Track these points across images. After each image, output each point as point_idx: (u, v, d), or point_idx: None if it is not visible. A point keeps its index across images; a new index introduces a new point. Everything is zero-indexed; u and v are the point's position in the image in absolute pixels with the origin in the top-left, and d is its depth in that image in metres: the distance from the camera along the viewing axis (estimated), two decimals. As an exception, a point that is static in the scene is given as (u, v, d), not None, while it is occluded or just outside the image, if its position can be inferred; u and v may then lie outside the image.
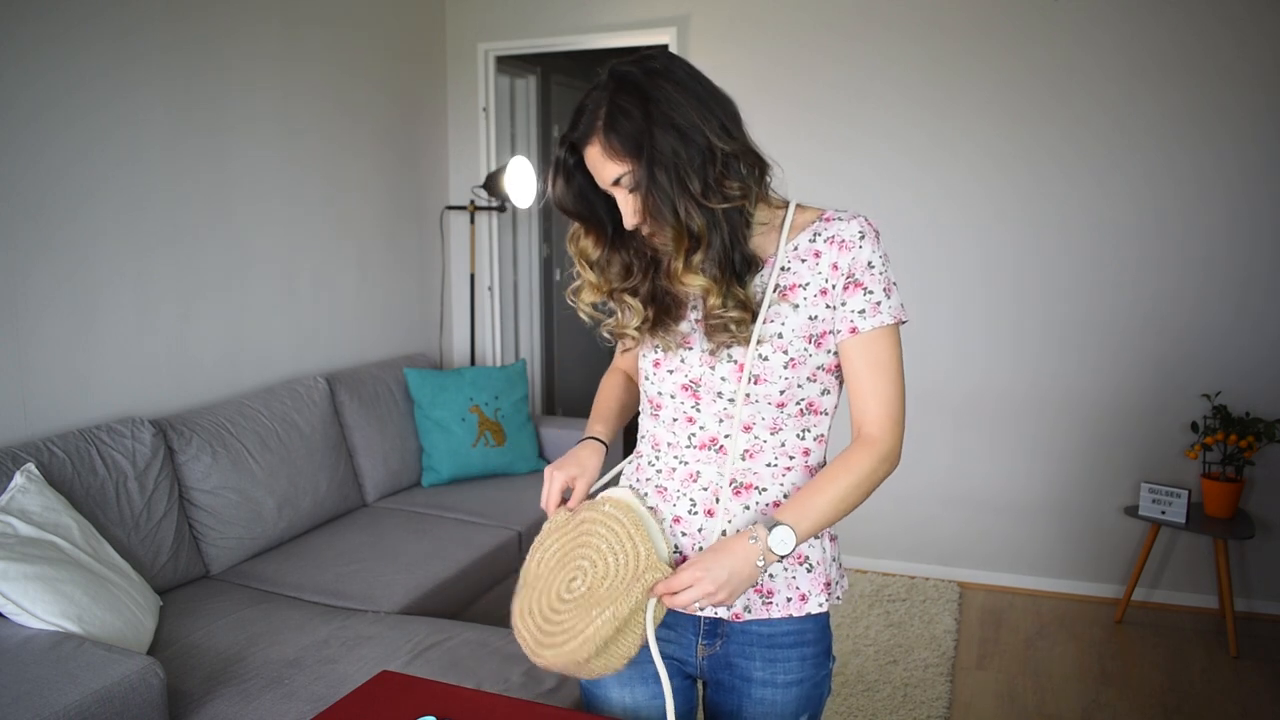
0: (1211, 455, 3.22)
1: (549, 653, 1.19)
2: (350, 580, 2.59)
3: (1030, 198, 3.44)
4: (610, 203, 1.25)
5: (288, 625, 2.26)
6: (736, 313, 1.20)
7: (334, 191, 3.48)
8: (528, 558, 1.32)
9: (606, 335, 1.35)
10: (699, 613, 1.29)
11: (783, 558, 1.17)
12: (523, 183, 3.87)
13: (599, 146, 1.17)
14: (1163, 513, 3.19)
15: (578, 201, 1.25)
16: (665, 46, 3.86)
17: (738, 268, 1.20)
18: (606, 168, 1.18)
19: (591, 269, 1.29)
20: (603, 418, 1.46)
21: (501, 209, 4.12)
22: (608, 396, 1.50)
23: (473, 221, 4.13)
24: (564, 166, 1.23)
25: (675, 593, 1.15)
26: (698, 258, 1.18)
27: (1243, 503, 3.30)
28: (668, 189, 1.15)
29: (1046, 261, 3.45)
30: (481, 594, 2.86)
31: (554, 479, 1.34)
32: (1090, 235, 3.39)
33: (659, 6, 3.80)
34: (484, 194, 4.08)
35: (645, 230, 1.22)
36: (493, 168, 4.18)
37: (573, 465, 1.36)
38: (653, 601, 1.17)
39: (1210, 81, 3.18)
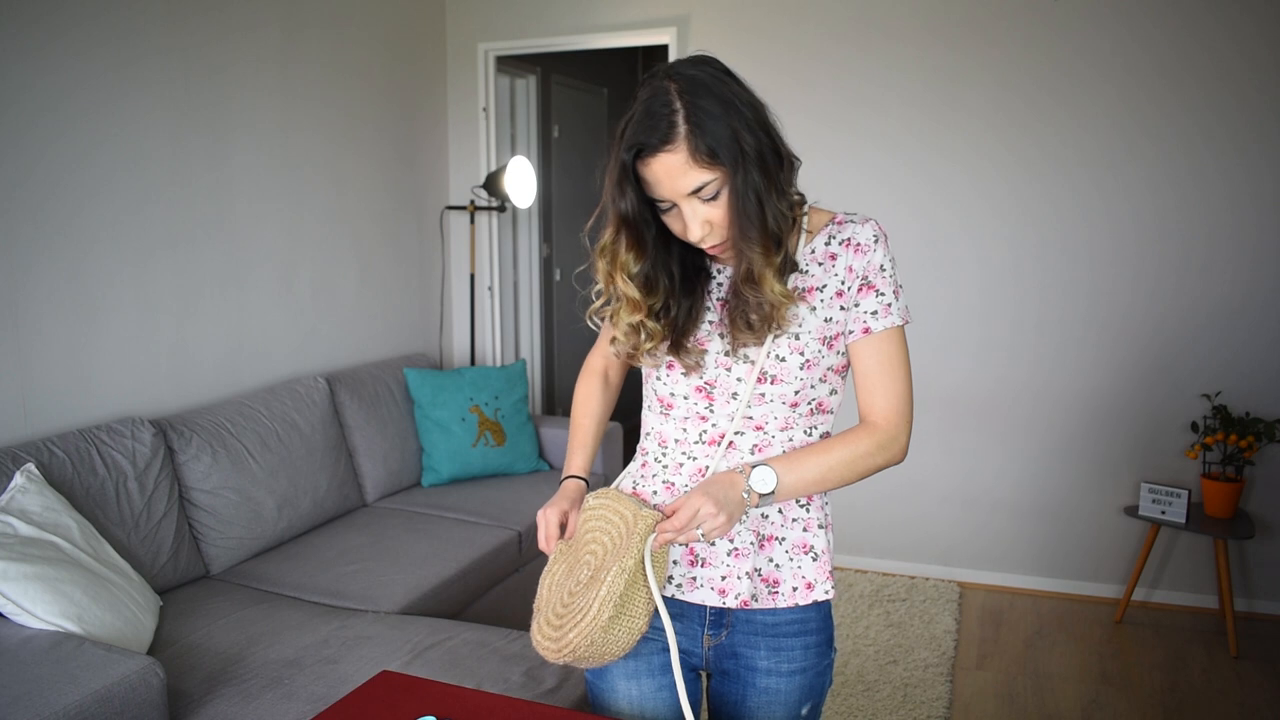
0: (1211, 455, 3.22)
1: (572, 633, 1.18)
2: (350, 580, 2.59)
3: (1029, 199, 3.44)
4: (653, 213, 1.22)
5: (288, 625, 2.26)
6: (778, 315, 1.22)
7: (334, 192, 3.48)
8: (539, 588, 1.33)
9: (621, 354, 1.32)
10: (703, 602, 1.30)
11: (762, 497, 1.20)
12: (523, 183, 3.87)
13: (684, 154, 1.11)
14: (1163, 513, 3.19)
15: (637, 213, 1.19)
16: (665, 47, 3.88)
17: (786, 269, 1.22)
18: (688, 175, 1.12)
19: (631, 282, 1.24)
20: (583, 447, 1.44)
21: (501, 209, 4.12)
22: (586, 420, 1.46)
23: (473, 221, 4.13)
24: (631, 180, 1.17)
25: (680, 527, 1.16)
26: (778, 260, 1.18)
27: (1243, 503, 3.30)
28: (761, 192, 1.14)
29: (1046, 262, 3.45)
30: (481, 594, 2.86)
31: (549, 518, 1.32)
32: (1090, 235, 3.39)
33: (659, 6, 3.80)
34: (484, 194, 4.08)
35: (711, 242, 1.19)
36: (493, 168, 4.18)
37: (564, 501, 1.35)
38: (649, 542, 1.18)
39: (1210, 83, 3.18)
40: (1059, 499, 3.55)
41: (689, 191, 1.13)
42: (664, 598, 1.29)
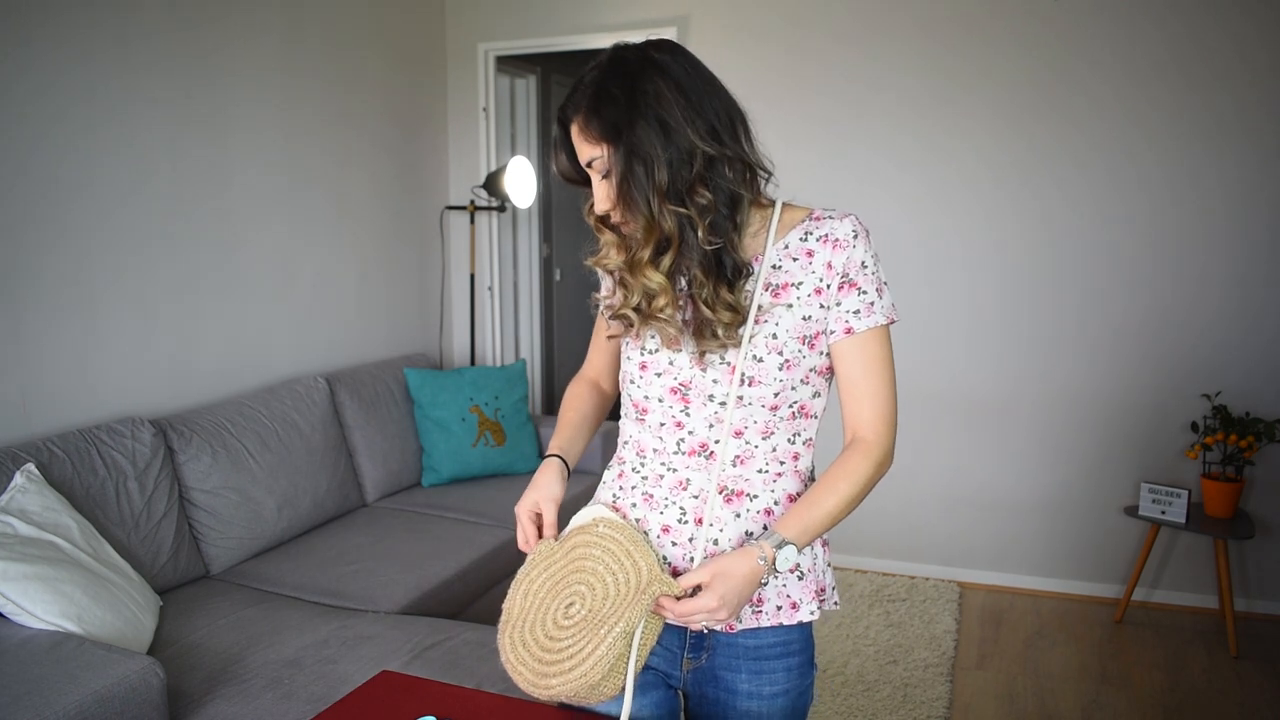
0: (1211, 455, 3.22)
1: (556, 680, 1.14)
2: (350, 580, 2.59)
3: (1028, 199, 3.44)
4: None
5: (288, 625, 2.26)
6: (728, 315, 1.18)
7: (334, 192, 3.48)
8: (510, 592, 1.28)
9: (606, 316, 1.31)
10: (686, 625, 1.26)
11: (777, 572, 1.17)
12: (523, 183, 3.87)
13: (579, 125, 1.18)
14: (1163, 513, 3.19)
15: (577, 169, 1.24)
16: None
17: (729, 272, 1.18)
18: (582, 148, 1.19)
19: (612, 230, 1.25)
20: (563, 431, 1.42)
21: (501, 209, 4.12)
22: (570, 408, 1.45)
23: (473, 221, 4.13)
24: (560, 142, 1.24)
25: (683, 614, 1.13)
26: (666, 259, 1.17)
27: (1243, 503, 3.30)
28: (643, 182, 1.14)
29: (1046, 263, 3.45)
30: (481, 594, 2.86)
31: (521, 518, 1.30)
32: (1089, 235, 3.38)
33: (659, 6, 3.80)
34: (484, 194, 4.08)
35: (615, 218, 1.21)
36: (493, 168, 4.18)
37: (532, 492, 1.32)
38: (644, 616, 1.13)
39: (1207, 85, 3.18)
40: (1059, 499, 3.55)
41: (584, 163, 1.20)
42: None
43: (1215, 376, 3.29)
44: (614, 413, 1.48)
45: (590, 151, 1.17)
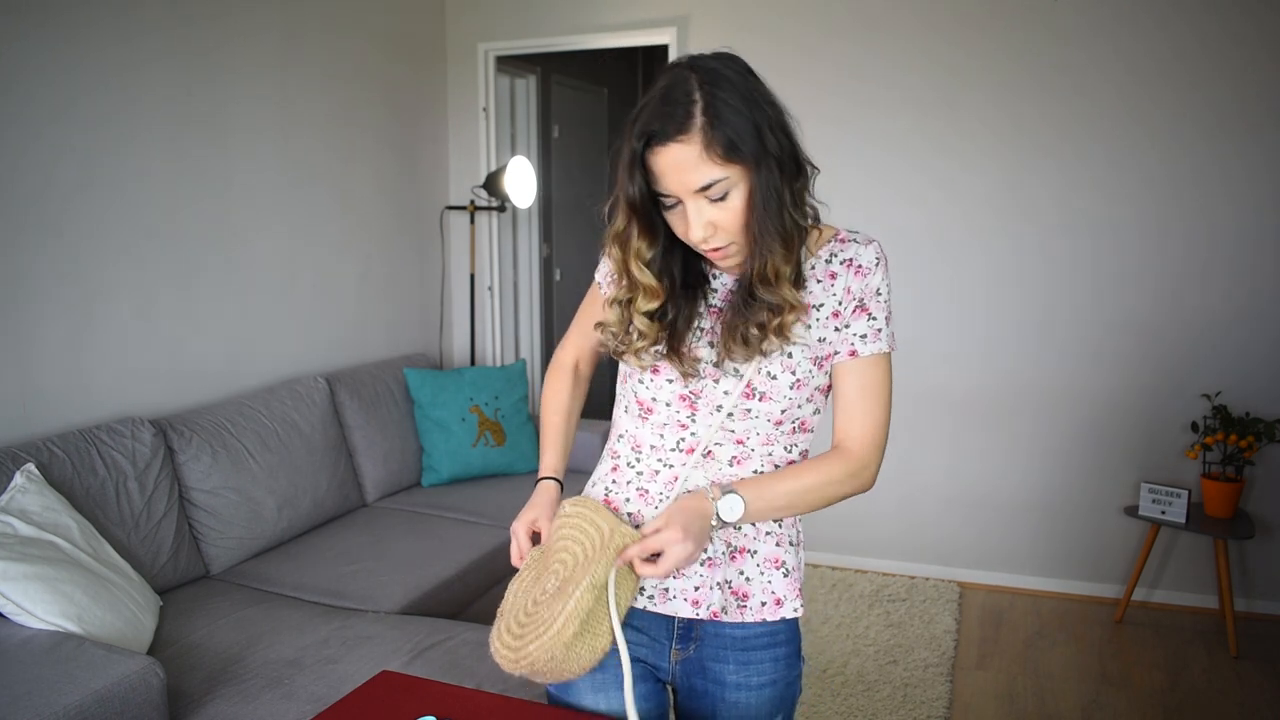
0: (1211, 455, 3.22)
1: (533, 646, 1.14)
2: (350, 580, 2.59)
3: (1030, 198, 3.44)
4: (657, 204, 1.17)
5: (288, 625, 2.26)
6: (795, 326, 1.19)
7: (334, 191, 3.48)
8: (506, 593, 1.30)
9: (610, 348, 1.29)
10: (675, 614, 1.27)
11: (724, 524, 1.18)
12: (523, 183, 3.87)
13: (697, 147, 1.06)
14: (1163, 513, 3.19)
15: (644, 200, 1.15)
16: (665, 47, 3.89)
17: (799, 282, 1.20)
18: (699, 170, 1.07)
19: (648, 270, 1.20)
20: (554, 445, 1.40)
21: (501, 209, 4.12)
22: (556, 416, 1.43)
23: (473, 221, 4.13)
24: (639, 166, 1.12)
25: (648, 549, 1.14)
26: (789, 269, 1.15)
27: (1243, 503, 3.30)
28: (778, 196, 1.10)
29: (1047, 261, 3.45)
30: (481, 594, 2.86)
31: (517, 534, 1.30)
32: (1091, 235, 3.38)
33: (659, 6, 3.80)
34: (484, 194, 4.08)
35: (713, 245, 1.14)
36: (493, 168, 4.18)
37: (531, 511, 1.32)
38: (614, 568, 1.15)
39: (1211, 85, 3.18)
40: (1059, 499, 3.55)
41: (697, 188, 1.09)
42: (636, 609, 1.28)
43: (1215, 376, 3.29)
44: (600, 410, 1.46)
45: (712, 173, 1.07)
